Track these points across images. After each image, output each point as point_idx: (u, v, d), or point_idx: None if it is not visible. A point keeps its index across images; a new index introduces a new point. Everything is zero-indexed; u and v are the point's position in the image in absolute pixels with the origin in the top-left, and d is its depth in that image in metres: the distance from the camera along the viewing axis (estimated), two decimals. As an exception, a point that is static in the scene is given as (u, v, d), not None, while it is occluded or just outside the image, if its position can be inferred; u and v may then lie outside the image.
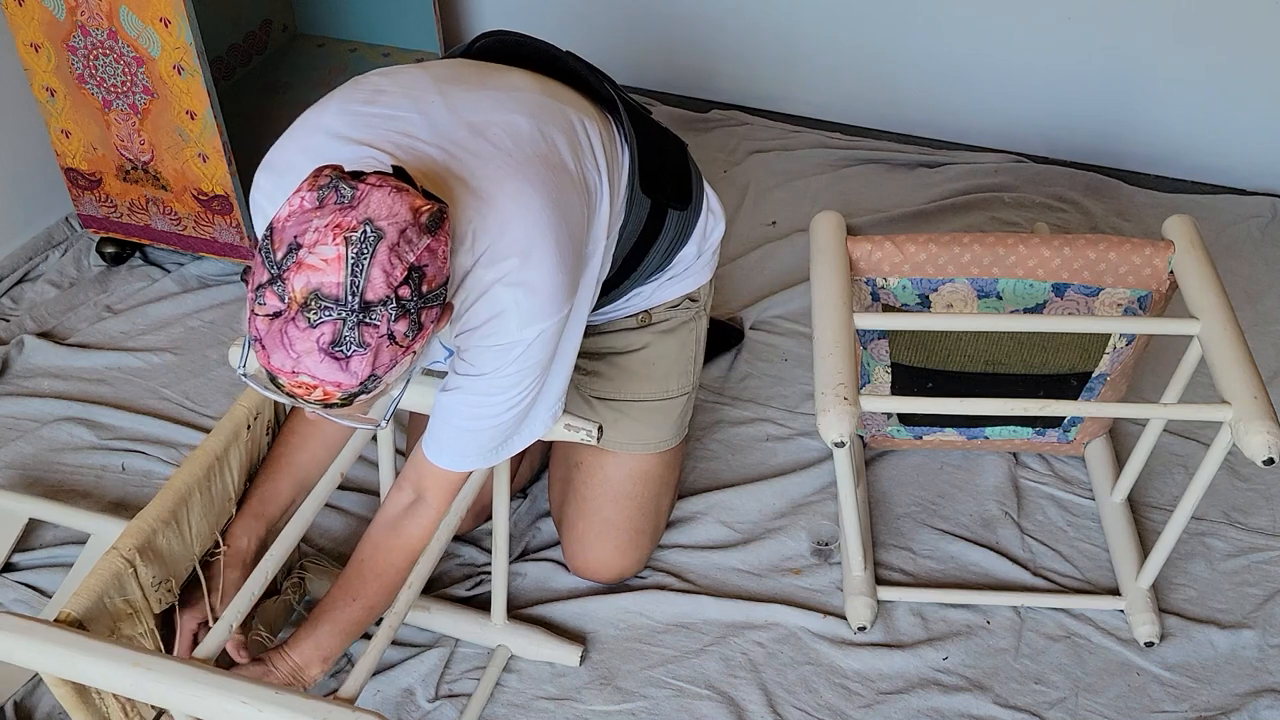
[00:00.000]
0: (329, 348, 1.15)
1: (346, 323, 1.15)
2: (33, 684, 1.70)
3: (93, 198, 2.38)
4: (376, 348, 1.17)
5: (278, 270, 1.15)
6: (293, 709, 1.18)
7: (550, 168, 1.40)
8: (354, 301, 1.15)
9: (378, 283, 1.15)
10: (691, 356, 1.79)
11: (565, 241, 1.37)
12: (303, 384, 1.18)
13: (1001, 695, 1.72)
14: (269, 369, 1.18)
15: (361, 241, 1.14)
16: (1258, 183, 2.72)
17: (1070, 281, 1.78)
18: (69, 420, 2.13)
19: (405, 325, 1.18)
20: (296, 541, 1.41)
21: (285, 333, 1.16)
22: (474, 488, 1.47)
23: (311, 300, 1.14)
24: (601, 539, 1.80)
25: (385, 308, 1.16)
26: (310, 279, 1.14)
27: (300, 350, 1.15)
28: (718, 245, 1.76)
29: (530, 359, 1.39)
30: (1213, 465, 1.60)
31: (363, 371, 1.17)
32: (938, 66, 2.82)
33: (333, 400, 1.19)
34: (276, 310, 1.16)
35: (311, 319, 1.15)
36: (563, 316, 1.39)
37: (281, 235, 1.16)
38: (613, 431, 1.77)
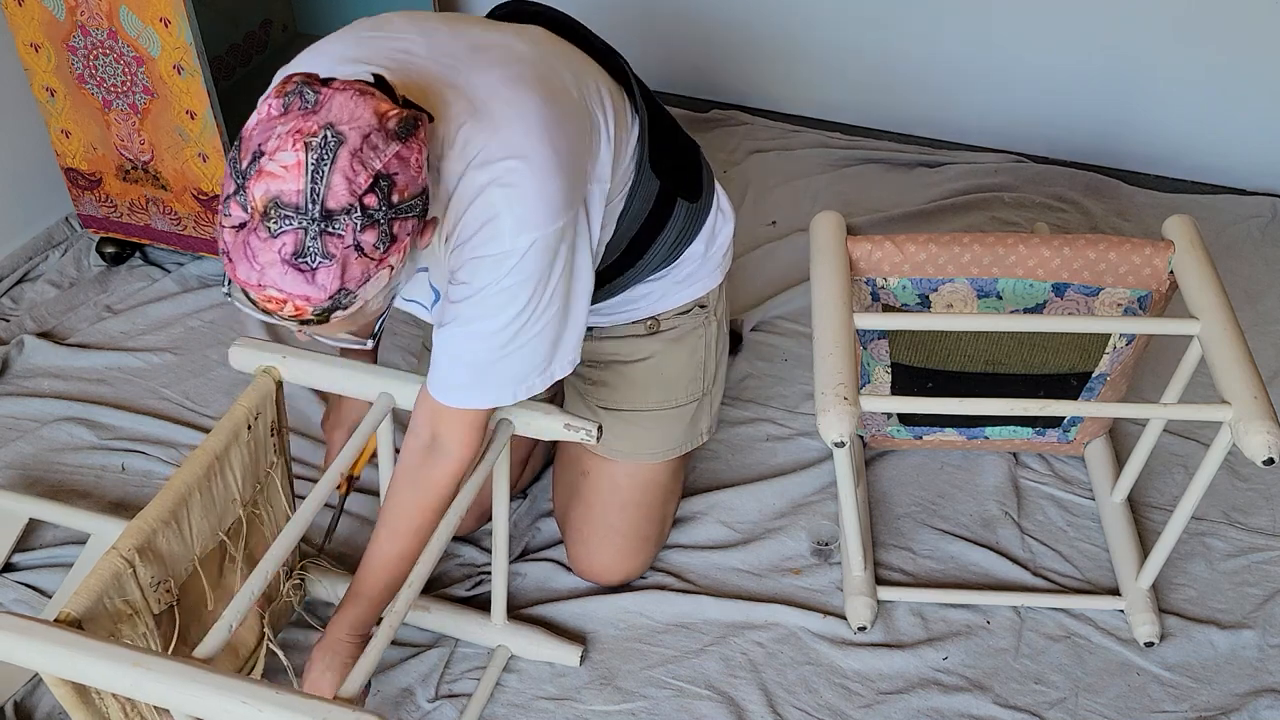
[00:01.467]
0: (291, 259, 1.12)
1: (308, 232, 1.11)
2: (33, 684, 1.70)
3: (93, 198, 2.38)
4: (343, 260, 1.13)
5: (241, 180, 1.12)
6: (293, 709, 1.18)
7: (550, 89, 1.36)
8: (314, 210, 1.11)
9: (339, 190, 1.11)
10: (701, 363, 1.75)
11: (564, 152, 1.32)
12: (271, 298, 1.14)
13: (1001, 695, 1.72)
14: (237, 283, 1.15)
15: (322, 147, 1.11)
16: (1258, 183, 2.72)
17: (1070, 281, 1.78)
18: (69, 420, 2.13)
19: (374, 236, 1.13)
20: (296, 541, 1.40)
21: (248, 244, 1.12)
22: (474, 487, 1.47)
23: (271, 209, 1.11)
24: (608, 545, 1.80)
25: (349, 216, 1.12)
26: (270, 186, 1.11)
27: (263, 262, 1.12)
28: (727, 247, 1.71)
29: (525, 272, 1.32)
30: (1213, 465, 1.60)
31: (330, 285, 1.13)
32: (938, 66, 2.82)
33: (306, 316, 1.16)
34: (241, 221, 1.13)
35: (272, 229, 1.11)
36: (558, 229, 1.32)
37: (248, 144, 1.14)
38: (621, 441, 1.76)
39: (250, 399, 1.54)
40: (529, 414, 1.53)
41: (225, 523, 1.54)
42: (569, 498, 1.84)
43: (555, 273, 1.36)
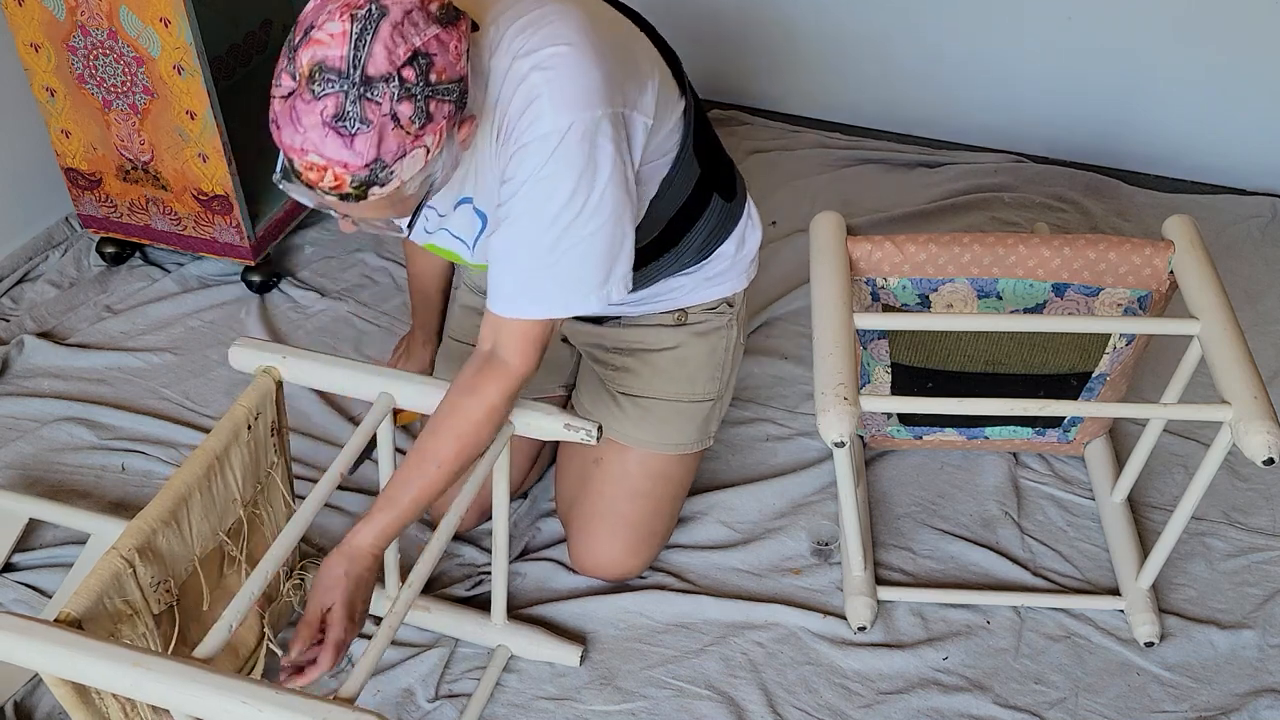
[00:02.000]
0: (332, 121, 1.19)
1: (348, 96, 1.18)
2: (33, 684, 1.70)
3: (93, 198, 2.38)
4: (380, 128, 1.19)
5: (292, 52, 1.21)
6: (293, 709, 1.18)
7: (596, 18, 1.43)
8: (355, 74, 1.18)
9: (379, 58, 1.18)
10: (720, 363, 1.80)
11: (605, 54, 1.38)
12: (313, 164, 1.21)
13: (1001, 695, 1.72)
14: (283, 149, 1.22)
15: (365, 18, 1.19)
16: (1258, 183, 2.73)
17: (1070, 281, 1.78)
18: (69, 420, 2.13)
19: (410, 109, 1.20)
20: (296, 541, 1.40)
21: (294, 108, 1.20)
22: (474, 486, 1.47)
23: (316, 72, 1.19)
24: (615, 536, 1.81)
25: (388, 85, 1.19)
26: (315, 52, 1.19)
27: (306, 124, 1.20)
28: (755, 255, 1.78)
29: (565, 159, 1.35)
30: (1213, 465, 1.60)
31: (367, 153, 1.20)
32: (938, 66, 2.82)
33: (345, 188, 1.22)
34: (289, 90, 1.20)
35: (315, 90, 1.19)
36: (596, 118, 1.35)
37: (302, 23, 1.22)
38: (637, 428, 1.78)
39: (250, 399, 1.54)
40: (529, 414, 1.53)
41: (225, 523, 1.54)
42: (577, 489, 1.84)
43: (599, 172, 1.38)
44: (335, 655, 1.42)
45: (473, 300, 1.92)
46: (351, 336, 2.33)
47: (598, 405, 1.81)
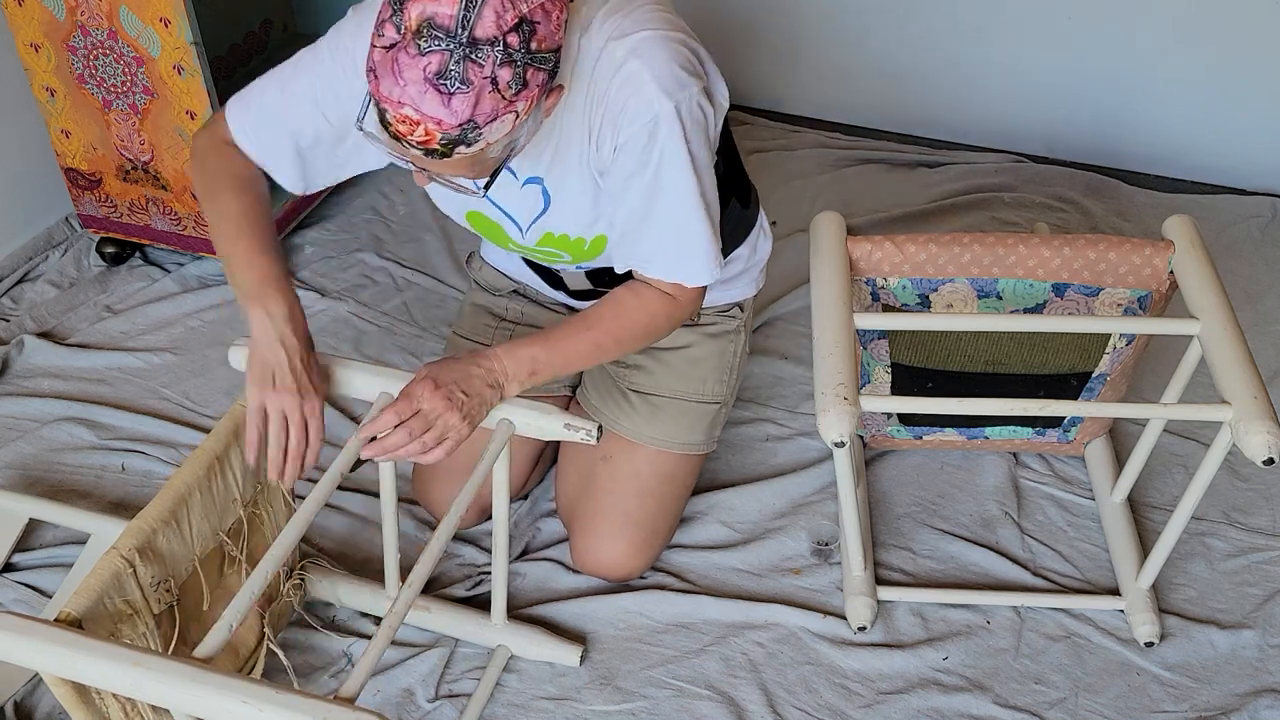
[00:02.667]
0: (434, 78, 1.20)
1: (453, 55, 1.20)
2: (33, 684, 1.70)
3: (93, 198, 2.38)
4: (479, 90, 1.21)
5: (399, 5, 1.21)
6: (293, 709, 1.18)
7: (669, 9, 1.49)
8: (463, 35, 1.19)
9: (488, 21, 1.20)
10: (729, 367, 1.83)
11: (688, 35, 1.46)
12: (406, 118, 1.22)
13: (1001, 695, 1.72)
14: (378, 98, 1.23)
15: None
16: (1258, 183, 2.73)
17: (1070, 281, 1.78)
18: (69, 420, 2.13)
19: (509, 75, 1.22)
20: (296, 541, 1.40)
21: (396, 60, 1.21)
22: (474, 485, 1.47)
23: (424, 28, 1.19)
24: (620, 535, 1.81)
25: (493, 49, 1.20)
26: (426, 8, 1.20)
27: (408, 78, 1.20)
28: (765, 263, 1.83)
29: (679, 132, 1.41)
30: (1213, 465, 1.60)
31: (463, 113, 1.21)
32: (938, 66, 2.83)
33: (433, 144, 1.24)
34: (393, 41, 1.21)
35: (421, 46, 1.20)
36: (693, 93, 1.42)
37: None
38: (648, 425, 1.80)
39: (250, 399, 1.54)
40: (529, 414, 1.53)
41: (225, 523, 1.54)
42: (581, 487, 1.84)
43: (703, 141, 1.45)
44: (405, 406, 1.45)
45: (484, 299, 1.92)
46: (351, 336, 2.33)
47: (607, 402, 1.82)
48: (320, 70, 1.48)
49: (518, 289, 1.90)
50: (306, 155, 1.55)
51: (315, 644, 1.77)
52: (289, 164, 1.56)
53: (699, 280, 1.55)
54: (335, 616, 1.82)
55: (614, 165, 1.45)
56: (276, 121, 1.52)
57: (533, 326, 1.88)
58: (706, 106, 1.46)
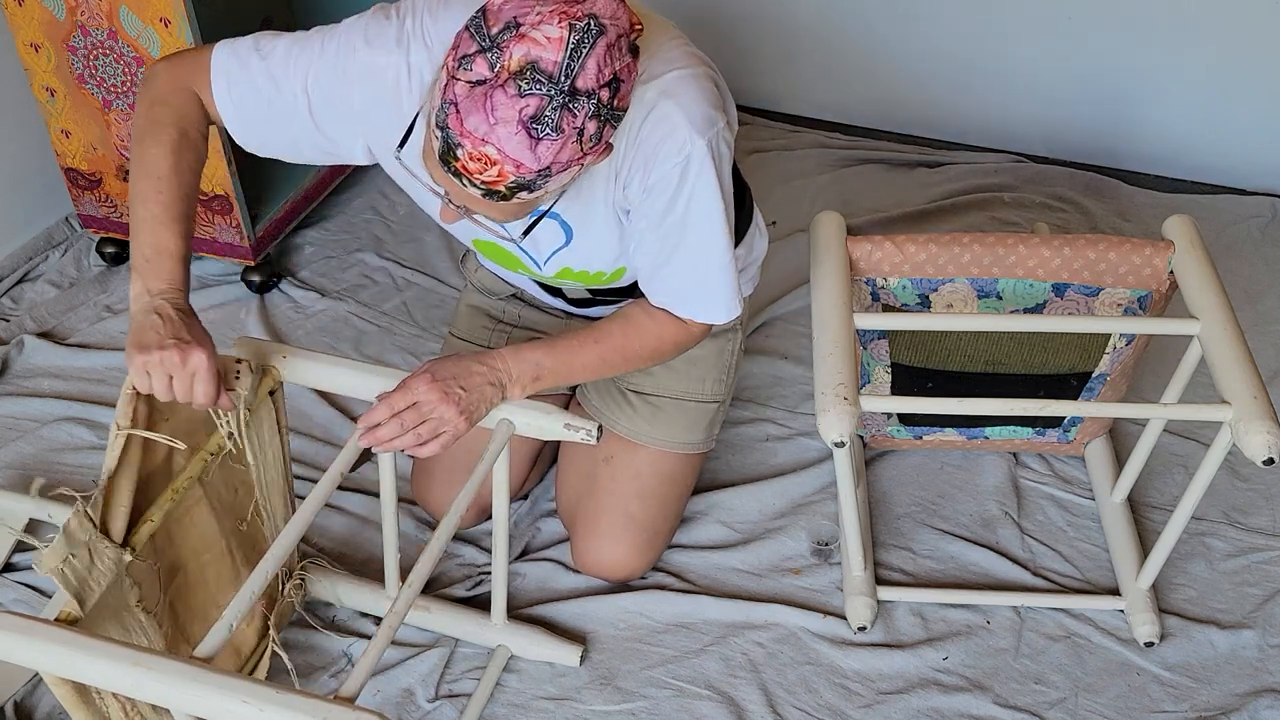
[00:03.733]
0: (529, 122, 1.19)
1: (552, 101, 1.19)
2: (33, 684, 1.70)
3: (93, 198, 2.38)
4: (567, 139, 1.21)
5: (492, 42, 1.19)
6: (293, 708, 1.18)
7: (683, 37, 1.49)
8: (565, 83, 1.19)
9: (590, 74, 1.19)
10: (727, 366, 1.83)
11: (711, 67, 1.46)
12: (484, 157, 1.21)
13: (1001, 695, 1.72)
14: (458, 135, 1.21)
15: (585, 31, 1.19)
16: (1258, 183, 2.73)
17: (1070, 281, 1.78)
18: (69, 420, 2.13)
19: (594, 128, 1.23)
20: (296, 541, 1.40)
21: (490, 97, 1.19)
22: (474, 486, 1.47)
23: (527, 70, 1.18)
24: (622, 535, 1.81)
25: (589, 101, 1.20)
26: (530, 50, 1.18)
27: (500, 117, 1.19)
28: (760, 262, 1.82)
29: (709, 169, 1.41)
30: (1213, 465, 1.60)
31: (545, 158, 1.21)
32: (938, 66, 2.82)
33: (499, 186, 1.23)
34: (482, 78, 1.19)
35: (522, 88, 1.18)
36: (720, 129, 1.42)
37: (498, 15, 1.20)
38: (649, 426, 1.80)
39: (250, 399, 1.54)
40: (529, 414, 1.53)
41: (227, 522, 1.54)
42: (583, 487, 1.84)
43: (725, 176, 1.45)
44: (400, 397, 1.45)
45: (480, 300, 1.92)
46: (351, 336, 2.33)
47: (607, 402, 1.82)
48: (319, 65, 1.43)
49: (515, 293, 1.90)
50: (274, 133, 1.50)
51: (315, 644, 1.77)
52: (254, 133, 1.49)
53: (717, 319, 1.57)
54: (335, 616, 1.82)
55: (643, 204, 1.45)
56: (264, 98, 1.47)
57: (530, 329, 1.88)
58: (729, 137, 1.46)
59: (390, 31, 1.41)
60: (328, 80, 1.44)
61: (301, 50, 1.45)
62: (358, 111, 1.43)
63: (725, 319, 1.57)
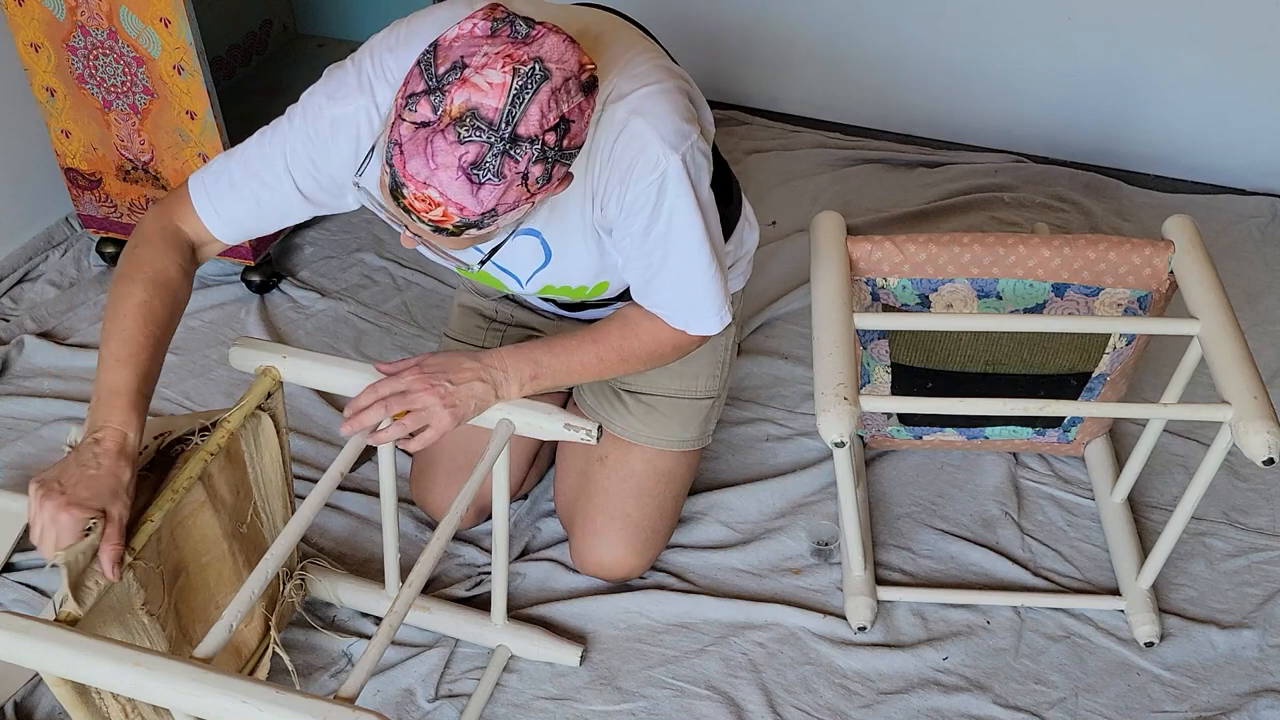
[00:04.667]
0: (468, 168, 1.19)
1: (492, 148, 1.19)
2: (33, 684, 1.70)
3: (93, 198, 2.38)
4: (509, 184, 1.21)
5: (437, 83, 1.19)
6: (293, 708, 1.18)
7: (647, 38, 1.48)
8: (506, 130, 1.18)
9: (532, 120, 1.19)
10: (721, 361, 1.82)
11: (681, 79, 1.45)
12: (428, 199, 1.21)
13: (1001, 695, 1.72)
14: (401, 175, 1.21)
15: (529, 76, 1.18)
16: (1258, 183, 2.73)
17: (1070, 281, 1.78)
18: (69, 420, 2.13)
19: (540, 171, 1.22)
20: (296, 541, 1.40)
21: (431, 142, 1.19)
22: (474, 485, 1.47)
23: (467, 117, 1.18)
24: (621, 536, 1.81)
25: (531, 146, 1.20)
26: (471, 97, 1.18)
27: (440, 163, 1.19)
28: (751, 255, 1.81)
29: (684, 184, 1.40)
30: (1213, 465, 1.60)
31: (488, 203, 1.21)
32: (938, 66, 2.83)
33: (446, 225, 1.23)
34: (426, 120, 1.19)
35: (462, 135, 1.18)
36: (694, 142, 1.41)
37: (447, 53, 1.20)
38: (643, 424, 1.79)
39: (250, 399, 1.54)
40: (529, 413, 1.53)
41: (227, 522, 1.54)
42: (579, 488, 1.84)
43: (703, 186, 1.44)
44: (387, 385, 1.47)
45: (473, 301, 1.92)
46: (351, 336, 2.33)
47: (601, 402, 1.82)
48: (292, 139, 1.44)
49: (507, 294, 1.90)
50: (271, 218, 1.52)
51: (315, 644, 1.78)
52: (249, 231, 1.52)
53: (708, 330, 1.57)
54: (335, 616, 1.82)
55: (623, 223, 1.44)
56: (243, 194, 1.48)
57: (524, 327, 1.89)
58: (705, 147, 1.45)
59: (350, 80, 1.42)
60: (304, 150, 1.44)
61: (273, 135, 1.47)
62: (338, 165, 1.43)
63: (717, 329, 1.56)
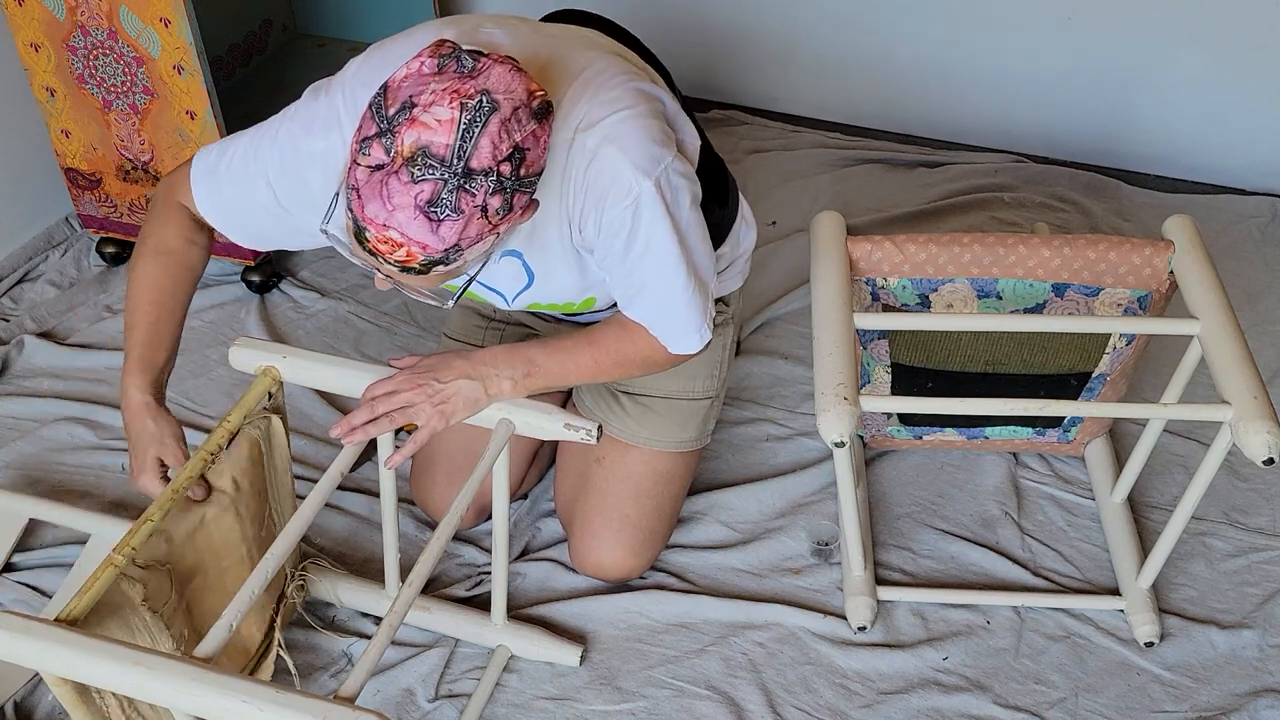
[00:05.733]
0: (425, 206, 1.19)
1: (447, 185, 1.19)
2: (33, 684, 1.70)
3: (93, 198, 2.38)
4: (469, 217, 1.21)
5: (388, 125, 1.20)
6: (293, 708, 1.18)
7: (624, 61, 1.48)
8: (458, 165, 1.19)
9: (484, 152, 1.19)
10: (719, 361, 1.82)
11: (654, 100, 1.44)
12: (390, 240, 1.21)
13: (1001, 695, 1.72)
14: (361, 219, 1.22)
15: (476, 110, 1.19)
16: (1258, 183, 2.73)
17: (1070, 281, 1.78)
18: (69, 420, 2.13)
19: (499, 202, 1.22)
20: (296, 541, 1.40)
21: (386, 184, 1.20)
22: (474, 486, 1.47)
23: (418, 156, 1.18)
24: (617, 536, 1.81)
25: (486, 179, 1.20)
26: (421, 136, 1.18)
27: (397, 204, 1.20)
28: (749, 254, 1.80)
29: (659, 208, 1.40)
30: (1213, 465, 1.60)
31: (449, 239, 1.22)
32: (938, 66, 2.82)
33: (412, 264, 1.24)
34: (380, 163, 1.20)
35: (415, 174, 1.19)
36: (668, 164, 1.40)
37: (396, 93, 1.21)
38: (639, 426, 1.79)
39: (250, 399, 1.54)
40: (529, 413, 1.53)
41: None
42: (578, 488, 1.84)
43: (681, 206, 1.44)
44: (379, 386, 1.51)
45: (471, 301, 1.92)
46: (351, 336, 2.33)
47: (599, 404, 1.82)
48: (274, 153, 1.46)
49: None
50: (261, 226, 1.54)
51: (315, 644, 1.78)
52: (248, 235, 1.56)
53: (687, 349, 1.56)
54: (335, 616, 1.82)
55: (602, 244, 1.45)
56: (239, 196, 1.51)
57: (522, 326, 1.89)
58: (682, 167, 1.44)
59: (322, 113, 1.43)
60: (286, 172, 1.46)
61: (260, 142, 1.48)
62: (318, 195, 1.44)
63: (696, 348, 1.56)
